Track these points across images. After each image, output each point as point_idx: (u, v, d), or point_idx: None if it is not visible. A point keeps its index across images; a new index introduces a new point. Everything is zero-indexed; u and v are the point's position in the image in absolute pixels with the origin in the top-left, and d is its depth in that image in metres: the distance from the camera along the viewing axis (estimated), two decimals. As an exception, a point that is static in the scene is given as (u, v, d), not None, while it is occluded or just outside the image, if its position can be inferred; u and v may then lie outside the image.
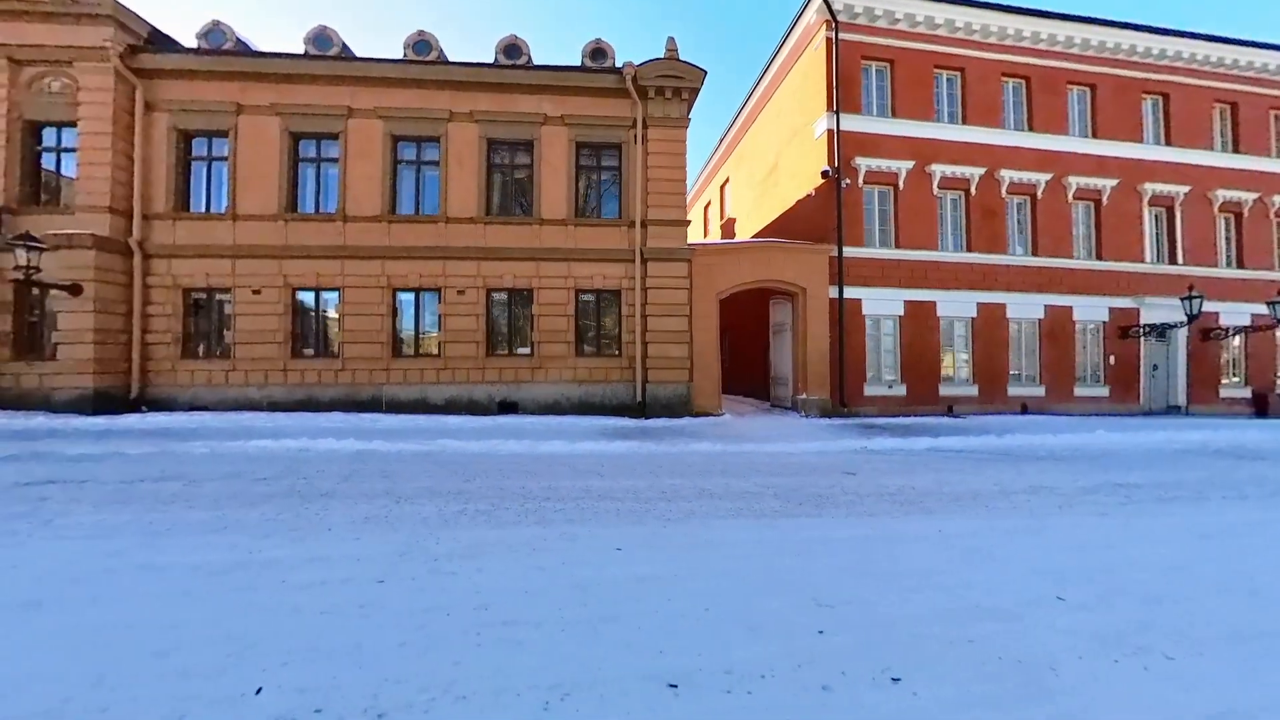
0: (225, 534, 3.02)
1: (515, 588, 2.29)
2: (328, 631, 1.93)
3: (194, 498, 3.97)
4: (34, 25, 9.59)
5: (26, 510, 3.48)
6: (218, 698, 1.47)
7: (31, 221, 9.62)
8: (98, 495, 3.97)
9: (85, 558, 2.64)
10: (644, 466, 5.60)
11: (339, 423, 8.66)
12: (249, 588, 2.25)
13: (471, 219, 10.68)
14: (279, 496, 3.95)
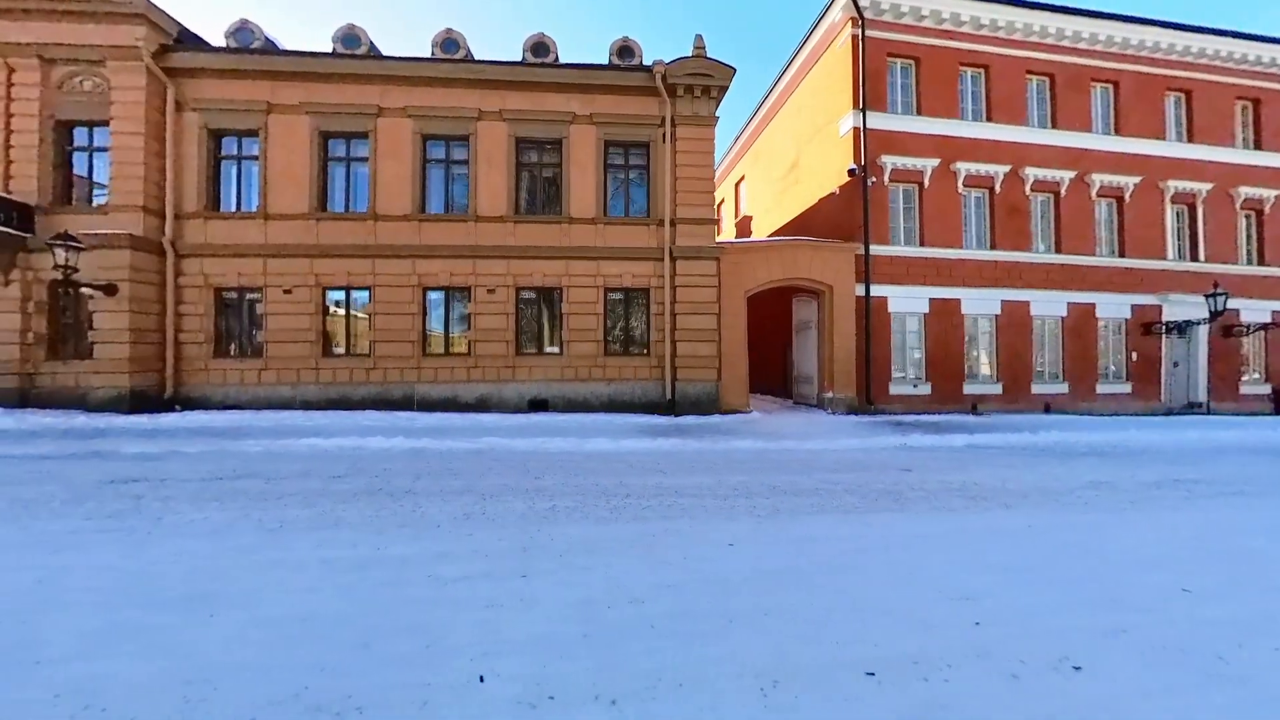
0: (338, 530, 3.07)
1: (654, 582, 2.34)
2: (504, 624, 1.98)
3: (282, 495, 4.02)
4: (65, 24, 9.58)
5: (127, 508, 3.53)
6: (446, 685, 1.52)
7: (65, 221, 9.64)
8: (187, 493, 4.02)
9: (220, 554, 2.70)
10: (700, 464, 5.65)
11: (377, 421, 8.71)
12: (398, 583, 2.30)
13: (501, 218, 10.70)
14: (364, 494, 4.00)
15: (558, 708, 1.45)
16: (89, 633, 1.92)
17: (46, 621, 2.03)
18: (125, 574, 2.48)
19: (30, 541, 2.96)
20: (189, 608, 2.11)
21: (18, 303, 9.37)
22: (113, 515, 3.36)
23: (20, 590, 2.32)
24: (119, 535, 3.03)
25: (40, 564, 2.63)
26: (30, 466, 4.99)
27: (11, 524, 3.26)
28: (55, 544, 2.91)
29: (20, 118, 9.57)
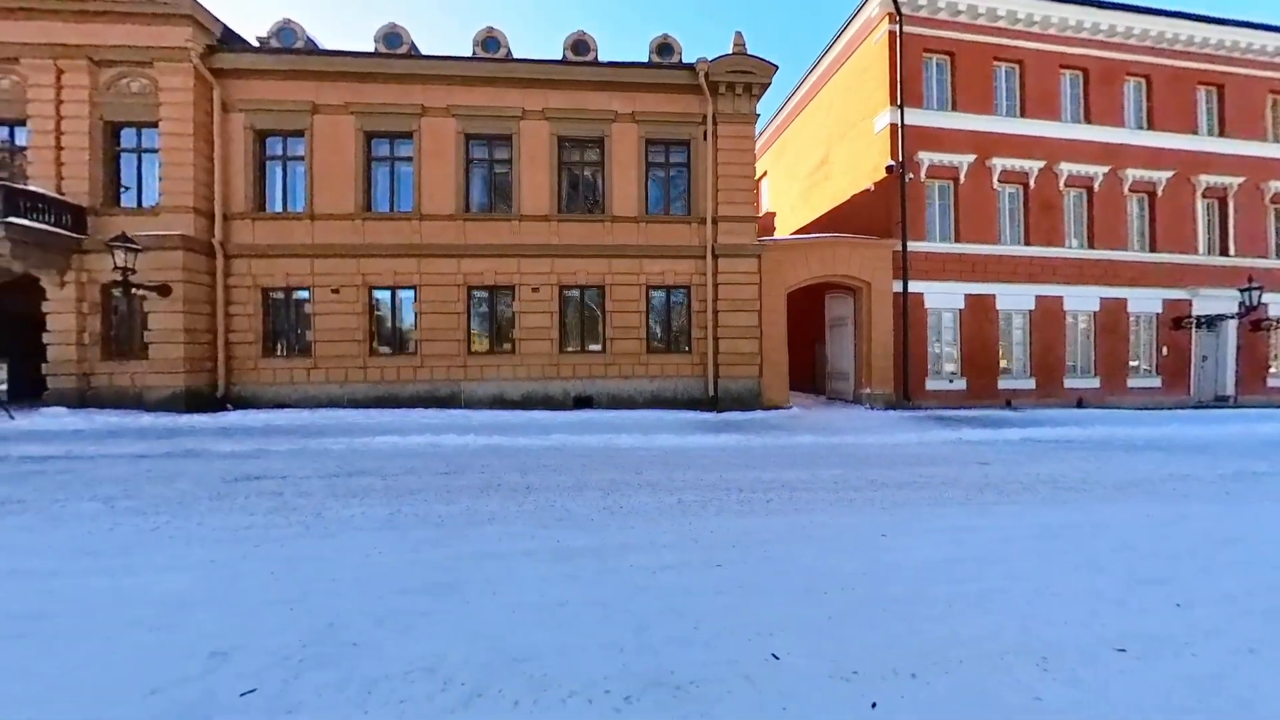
0: (506, 525, 3.24)
1: (850, 570, 2.48)
2: (749, 608, 2.14)
3: (413, 491, 4.17)
4: (113, 26, 9.61)
5: (276, 504, 3.67)
6: (751, 662, 1.68)
7: (116, 223, 9.71)
8: (321, 490, 4.17)
9: (415, 547, 2.86)
10: (784, 459, 5.78)
11: (435, 419, 8.85)
12: (614, 571, 2.46)
13: (545, 217, 10.77)
14: (490, 489, 4.14)
15: (868, 681, 1.60)
16: (389, 615, 2.09)
17: (339, 607, 2.18)
18: (346, 565, 2.65)
19: (216, 537, 3.11)
20: (441, 594, 2.27)
21: (73, 304, 9.48)
22: (273, 511, 3.51)
23: (272, 581, 2.48)
24: (298, 530, 3.18)
25: (252, 557, 2.79)
26: (138, 465, 5.11)
27: (184, 520, 3.39)
28: (247, 539, 3.07)
29: (70, 120, 9.63)
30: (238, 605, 2.24)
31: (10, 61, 9.54)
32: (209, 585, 2.43)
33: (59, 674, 1.75)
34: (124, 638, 1.97)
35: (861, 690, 1.55)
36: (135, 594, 2.32)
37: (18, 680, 1.72)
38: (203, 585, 2.43)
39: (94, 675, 1.73)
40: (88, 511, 3.50)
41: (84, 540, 3.03)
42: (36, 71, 9.54)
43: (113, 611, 2.17)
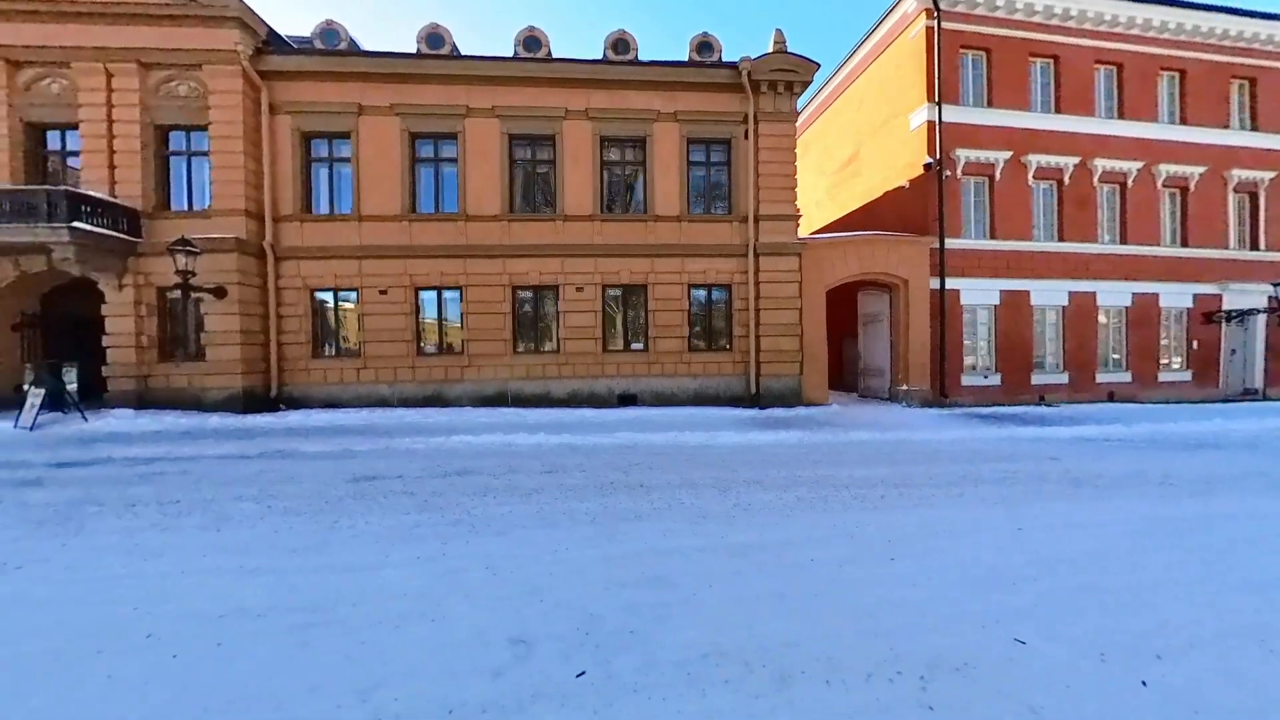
0: (656, 521, 3.46)
1: (1011, 563, 2.68)
2: (954, 600, 2.31)
3: (536, 490, 4.40)
4: (162, 29, 9.64)
5: (420, 504, 3.86)
6: (995, 647, 1.84)
7: (168, 226, 9.82)
8: (445, 489, 4.38)
9: (594, 543, 3.08)
10: (857, 455, 5.95)
11: (495, 418, 9.02)
12: (797, 565, 2.67)
13: (589, 217, 10.85)
14: (607, 488, 4.37)
15: (1121, 661, 1.78)
16: (633, 606, 2.27)
17: (581, 599, 2.36)
18: (543, 561, 2.84)
19: (398, 535, 3.30)
20: (661, 587, 2.47)
21: (131, 306, 9.62)
22: (422, 510, 3.72)
23: (493, 575, 2.66)
24: (465, 528, 3.39)
25: (450, 554, 2.97)
26: (247, 466, 5.28)
27: (349, 518, 3.60)
28: (428, 536, 3.26)
29: (121, 123, 9.70)
30: (485, 597, 2.42)
31: (61, 66, 9.61)
32: (439, 580, 2.62)
33: (395, 656, 1.94)
34: (413, 627, 2.15)
35: (1119, 670, 1.73)
36: (380, 589, 2.50)
37: (376, 663, 1.90)
38: (433, 580, 2.62)
39: (426, 659, 1.91)
40: (250, 512, 3.67)
41: (276, 539, 3.23)
42: (86, 75, 9.60)
43: (379, 604, 2.35)
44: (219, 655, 1.98)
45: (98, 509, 3.82)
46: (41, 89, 9.71)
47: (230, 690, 1.77)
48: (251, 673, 1.86)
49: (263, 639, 2.08)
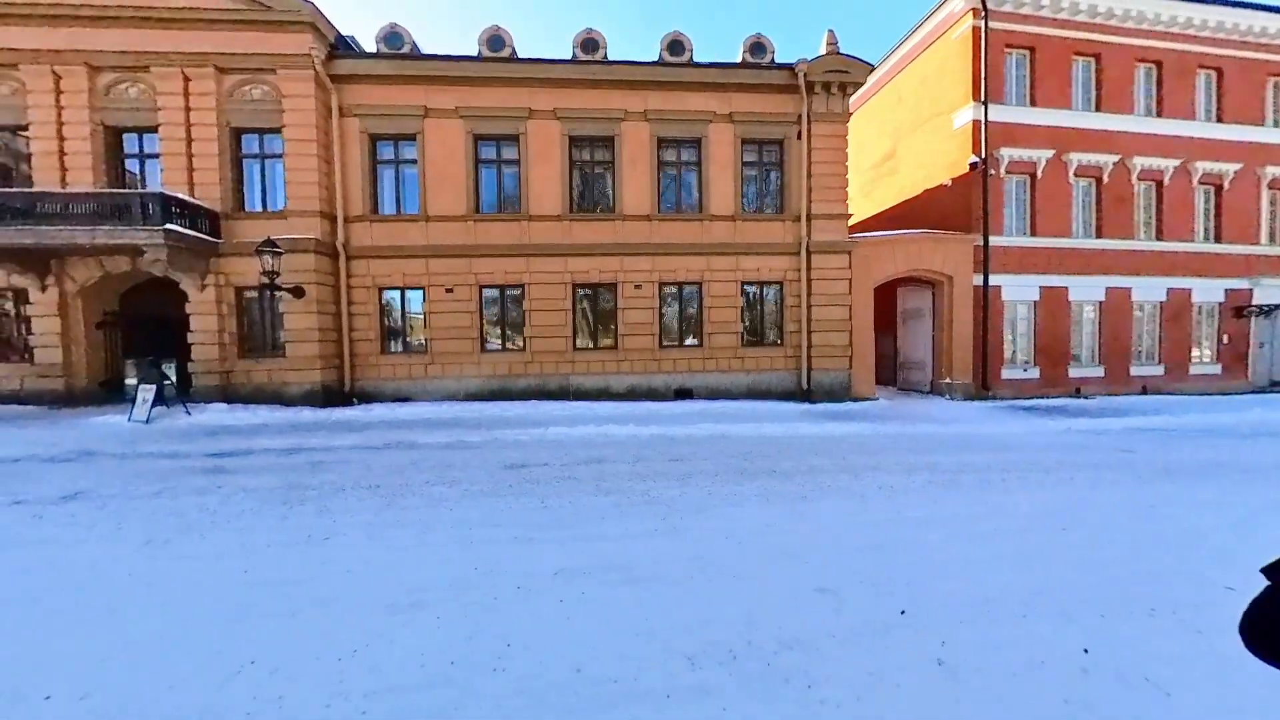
0: (824, 500, 3.90)
1: (1174, 530, 3.06)
2: (1165, 566, 2.69)
3: (691, 474, 4.89)
4: (237, 34, 9.88)
5: (600, 489, 4.32)
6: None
7: (244, 227, 10.16)
8: (597, 475, 4.84)
9: (805, 516, 3.51)
10: (936, 445, 6.37)
11: (580, 410, 9.46)
12: (989, 535, 3.08)
13: (646, 216, 11.16)
14: (748, 473, 4.85)
15: None
16: (897, 564, 2.72)
17: (855, 562, 2.81)
18: (779, 530, 3.27)
19: (622, 513, 3.72)
20: (901, 549, 2.92)
21: (213, 305, 9.98)
22: (601, 493, 4.17)
23: (752, 544, 3.10)
24: (663, 508, 3.82)
25: (694, 528, 3.40)
26: (387, 456, 5.69)
27: (557, 499, 4.02)
28: (639, 514, 3.69)
29: (199, 126, 9.98)
30: (757, 560, 2.87)
31: (140, 70, 9.87)
32: (703, 547, 3.08)
33: (731, 601, 2.42)
34: (734, 583, 2.62)
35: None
36: (653, 556, 2.96)
37: (724, 606, 2.35)
38: (697, 547, 3.08)
39: (764, 602, 2.41)
40: (450, 494, 4.12)
41: (512, 515, 3.70)
42: (165, 80, 9.85)
43: (673, 567, 2.81)
44: (607, 599, 2.44)
45: (314, 493, 4.23)
46: (120, 93, 9.98)
47: (639, 622, 2.24)
48: (632, 611, 2.34)
49: (616, 588, 2.55)
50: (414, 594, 2.50)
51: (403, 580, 2.66)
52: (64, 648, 2.10)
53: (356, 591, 2.55)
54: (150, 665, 1.98)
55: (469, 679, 1.88)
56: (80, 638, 2.16)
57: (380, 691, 1.82)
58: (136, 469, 5.11)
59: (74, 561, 2.94)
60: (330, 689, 1.83)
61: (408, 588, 2.57)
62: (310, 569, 2.82)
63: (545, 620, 2.27)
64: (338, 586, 2.61)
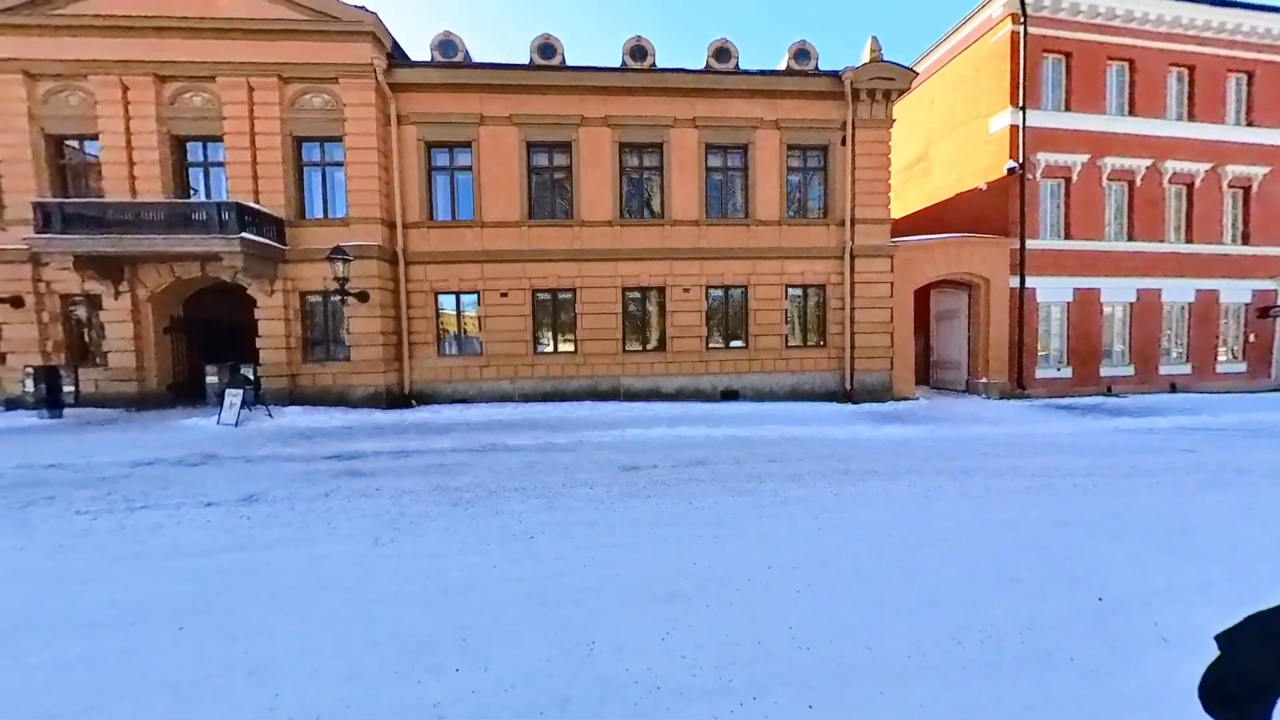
0: (946, 502, 4.27)
1: None
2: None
3: (794, 475, 5.21)
4: (300, 44, 10.09)
5: (718, 488, 4.63)
6: None
7: (308, 234, 10.42)
8: (717, 476, 5.19)
9: (988, 508, 3.87)
10: (1003, 448, 6.69)
11: (630, 412, 9.78)
12: (1133, 536, 3.47)
13: (695, 221, 11.42)
14: (856, 474, 5.22)
15: None
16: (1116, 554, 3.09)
17: (1078, 552, 3.19)
18: (954, 529, 3.62)
19: (762, 513, 4.05)
20: (1058, 547, 3.29)
21: (281, 310, 10.27)
22: (730, 492, 4.51)
23: (909, 539, 3.45)
24: (809, 508, 4.15)
25: (847, 524, 3.75)
26: (495, 458, 6.01)
27: (695, 500, 4.37)
28: (790, 512, 4.02)
29: (263, 135, 10.21)
30: (930, 556, 3.21)
31: (206, 80, 10.09)
32: (873, 545, 3.42)
33: (954, 588, 2.80)
34: (950, 567, 3.03)
35: None
36: (852, 550, 3.33)
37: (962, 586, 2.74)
38: (869, 544, 3.43)
39: (976, 584, 2.79)
40: (593, 496, 4.46)
41: (679, 514, 4.05)
42: (230, 90, 10.07)
43: (879, 561, 3.15)
44: (839, 591, 2.78)
45: (469, 494, 4.56)
46: (185, 102, 10.19)
47: (889, 610, 2.60)
48: (869, 599, 2.69)
49: (837, 581, 2.90)
50: (667, 585, 2.84)
51: (642, 574, 2.99)
52: (428, 632, 2.41)
53: (613, 583, 2.88)
54: (522, 644, 2.32)
55: (791, 654, 2.22)
56: (442, 623, 2.48)
57: (731, 663, 2.15)
58: (274, 471, 5.43)
59: (333, 558, 3.25)
60: (687, 664, 2.16)
61: (654, 580, 2.91)
62: (547, 564, 3.15)
63: (805, 607, 2.60)
64: (592, 579, 2.93)
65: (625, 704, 1.93)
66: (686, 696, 1.96)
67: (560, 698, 1.95)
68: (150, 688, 2.05)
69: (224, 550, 3.42)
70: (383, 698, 1.98)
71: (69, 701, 1.97)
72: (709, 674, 2.10)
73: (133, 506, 4.24)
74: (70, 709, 1.93)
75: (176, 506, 4.25)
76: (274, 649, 2.30)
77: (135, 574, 3.07)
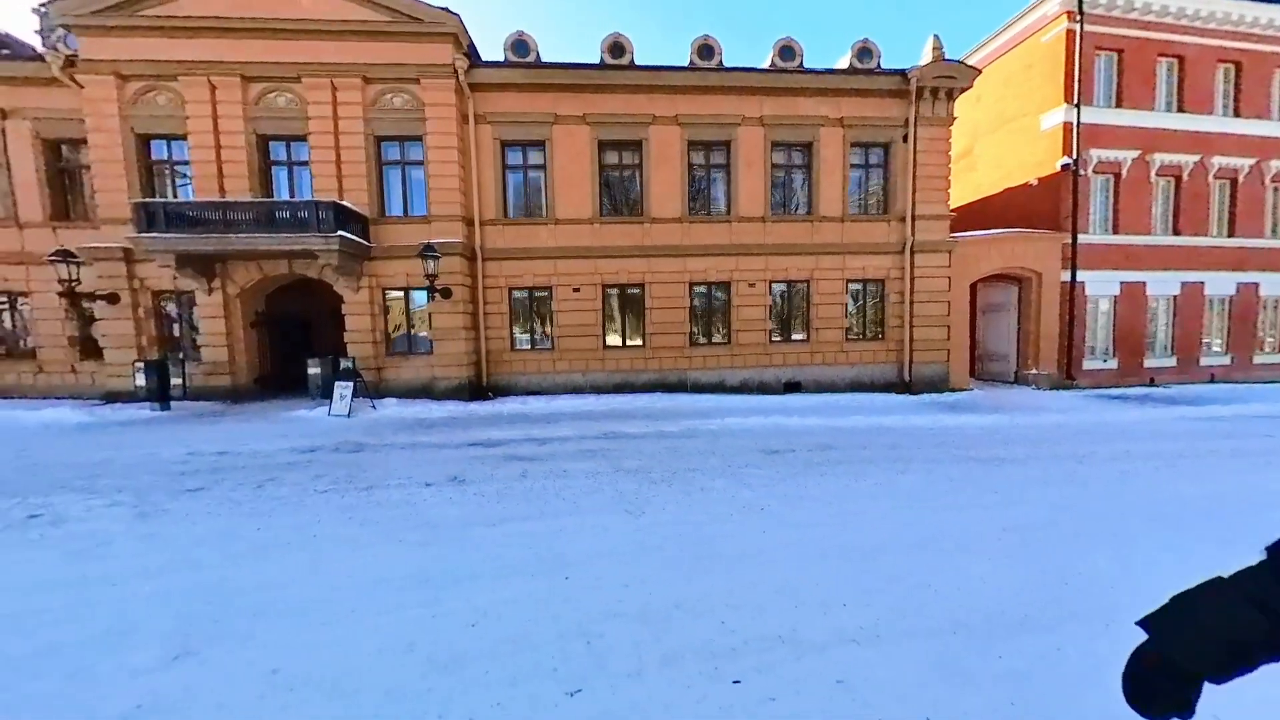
0: (1089, 487, 4.59)
1: None
2: None
3: (931, 460, 5.55)
4: (384, 45, 10.29)
5: (896, 468, 5.09)
6: None
7: (390, 231, 10.71)
8: (869, 459, 5.59)
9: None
10: (1093, 434, 7.11)
11: (712, 403, 10.15)
12: None
13: (760, 218, 11.72)
14: (975, 460, 5.55)
15: None
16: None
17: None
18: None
19: (948, 491, 4.43)
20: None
21: (367, 306, 10.59)
22: (901, 472, 4.95)
23: (1096, 520, 3.77)
24: (971, 484, 4.54)
25: (1013, 503, 4.12)
26: (630, 445, 6.36)
27: (874, 476, 4.78)
28: (977, 490, 4.42)
29: (347, 135, 10.45)
30: (1134, 521, 3.60)
31: (290, 81, 10.30)
32: (1063, 516, 3.78)
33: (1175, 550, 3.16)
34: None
35: None
36: (1050, 520, 3.71)
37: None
38: (1055, 515, 3.80)
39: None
40: (769, 475, 4.88)
41: (877, 489, 4.47)
42: (314, 90, 10.29)
43: (1080, 528, 3.53)
44: (1083, 549, 3.12)
45: (654, 475, 4.95)
46: (269, 102, 10.41)
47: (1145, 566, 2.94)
48: (1112, 556, 3.02)
49: (1075, 541, 3.23)
50: (959, 540, 3.30)
51: (911, 534, 3.43)
52: (781, 579, 2.83)
53: (896, 538, 3.34)
54: (876, 588, 2.76)
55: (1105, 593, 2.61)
56: (789, 572, 2.91)
57: (1046, 601, 2.54)
58: (443, 457, 5.81)
59: (612, 528, 3.61)
60: (1044, 598, 2.59)
61: (927, 537, 3.37)
62: (805, 529, 3.53)
63: (1076, 561, 2.96)
64: (874, 538, 3.35)
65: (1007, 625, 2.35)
66: (1028, 627, 2.39)
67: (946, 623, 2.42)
68: (612, 616, 2.50)
69: (505, 521, 3.81)
70: (812, 627, 2.40)
71: (546, 624, 2.35)
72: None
73: (358, 486, 4.61)
74: (545, 631, 2.32)
75: (399, 486, 4.62)
76: (684, 592, 2.71)
77: (459, 542, 3.41)
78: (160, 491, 4.55)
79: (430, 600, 2.64)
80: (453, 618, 2.48)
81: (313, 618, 2.49)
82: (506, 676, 2.06)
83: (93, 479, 4.93)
